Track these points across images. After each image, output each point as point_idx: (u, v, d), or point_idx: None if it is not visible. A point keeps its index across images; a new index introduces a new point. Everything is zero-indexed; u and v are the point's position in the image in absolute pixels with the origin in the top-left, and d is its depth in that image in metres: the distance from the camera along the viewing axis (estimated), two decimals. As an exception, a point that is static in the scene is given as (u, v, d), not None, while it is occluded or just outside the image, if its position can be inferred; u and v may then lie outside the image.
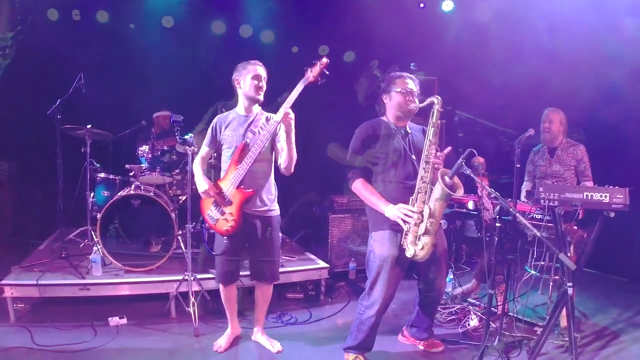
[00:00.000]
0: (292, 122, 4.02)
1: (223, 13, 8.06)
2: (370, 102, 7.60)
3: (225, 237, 4.18)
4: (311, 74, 4.07)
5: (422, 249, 3.81)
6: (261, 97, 4.22)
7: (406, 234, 3.87)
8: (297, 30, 8.27)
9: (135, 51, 7.44)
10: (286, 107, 3.97)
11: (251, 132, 4.20)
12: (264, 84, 4.22)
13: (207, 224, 4.26)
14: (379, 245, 4.06)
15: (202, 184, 4.16)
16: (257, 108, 4.31)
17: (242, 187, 4.09)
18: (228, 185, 4.11)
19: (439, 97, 3.91)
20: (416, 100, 4.06)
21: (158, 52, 7.54)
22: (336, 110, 7.48)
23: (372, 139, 4.10)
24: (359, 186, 4.09)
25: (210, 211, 4.16)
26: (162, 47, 7.67)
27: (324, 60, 4.11)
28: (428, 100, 3.94)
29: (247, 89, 4.17)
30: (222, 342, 4.50)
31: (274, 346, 4.58)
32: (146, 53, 7.44)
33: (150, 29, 7.79)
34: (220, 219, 4.13)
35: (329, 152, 7.07)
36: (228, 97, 6.28)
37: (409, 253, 3.87)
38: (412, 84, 4.13)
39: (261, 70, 4.21)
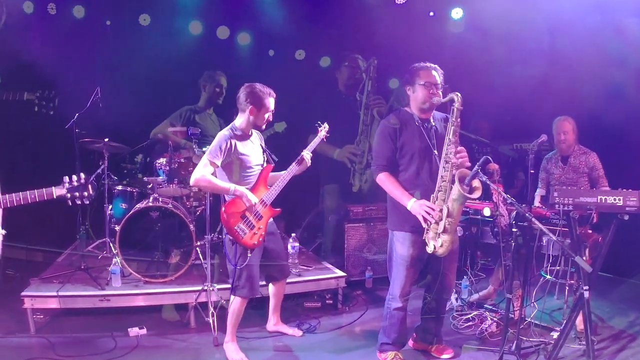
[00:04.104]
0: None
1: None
2: (351, 91, 7.71)
3: (250, 250, 4.29)
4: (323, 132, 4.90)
5: (442, 246, 3.95)
6: (264, 128, 4.57)
7: (427, 231, 3.99)
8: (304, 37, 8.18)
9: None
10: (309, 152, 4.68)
11: (264, 152, 4.63)
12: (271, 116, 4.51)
13: (232, 237, 4.24)
14: (400, 245, 4.21)
15: (251, 195, 4.28)
16: None
17: (271, 205, 4.46)
18: (259, 200, 4.36)
19: (459, 94, 3.98)
20: (440, 92, 4.14)
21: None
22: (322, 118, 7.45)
23: (396, 133, 4.18)
24: (383, 178, 4.20)
25: (240, 224, 4.23)
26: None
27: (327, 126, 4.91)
28: (448, 97, 4.02)
29: (258, 119, 4.43)
30: (240, 355, 4.52)
31: (295, 332, 5.05)
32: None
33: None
34: (249, 232, 4.26)
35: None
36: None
37: (429, 249, 4.02)
38: (437, 75, 4.18)
39: (273, 104, 4.46)
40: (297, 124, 7.19)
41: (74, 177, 3.48)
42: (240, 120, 4.45)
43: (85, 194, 3.49)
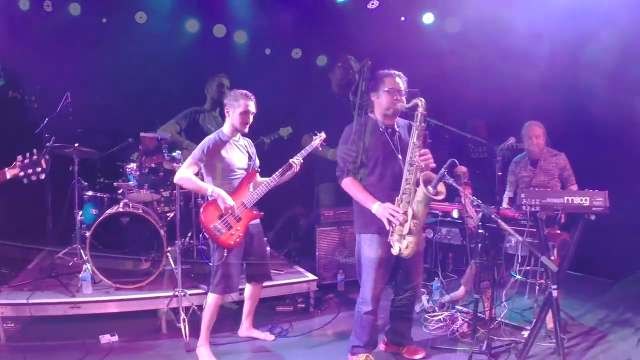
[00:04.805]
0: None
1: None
2: (344, 92, 7.71)
3: (226, 250, 4.36)
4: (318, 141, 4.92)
5: (407, 247, 3.99)
6: (246, 130, 4.60)
7: (392, 233, 4.01)
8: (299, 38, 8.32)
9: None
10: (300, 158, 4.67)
11: (248, 156, 4.70)
12: (250, 118, 4.54)
13: (208, 236, 4.37)
14: (367, 247, 4.24)
15: (227, 198, 4.35)
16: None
17: (253, 208, 4.53)
18: (239, 203, 4.44)
19: (423, 100, 4.04)
20: (404, 99, 4.20)
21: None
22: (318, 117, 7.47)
23: (360, 138, 4.21)
24: (348, 183, 4.26)
25: (217, 224, 4.33)
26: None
27: (324, 135, 4.94)
28: (412, 102, 4.08)
29: (235, 121, 4.51)
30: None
31: (267, 336, 5.02)
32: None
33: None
34: (226, 232, 4.35)
35: (302, 143, 7.14)
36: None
37: (394, 251, 4.05)
38: (401, 82, 4.25)
39: (252, 106, 4.52)
40: (294, 123, 7.21)
41: (27, 155, 3.55)
42: (225, 125, 4.60)
43: (39, 169, 3.57)
